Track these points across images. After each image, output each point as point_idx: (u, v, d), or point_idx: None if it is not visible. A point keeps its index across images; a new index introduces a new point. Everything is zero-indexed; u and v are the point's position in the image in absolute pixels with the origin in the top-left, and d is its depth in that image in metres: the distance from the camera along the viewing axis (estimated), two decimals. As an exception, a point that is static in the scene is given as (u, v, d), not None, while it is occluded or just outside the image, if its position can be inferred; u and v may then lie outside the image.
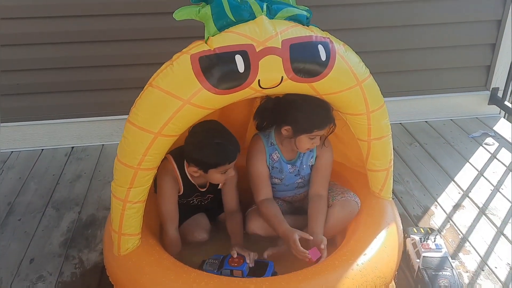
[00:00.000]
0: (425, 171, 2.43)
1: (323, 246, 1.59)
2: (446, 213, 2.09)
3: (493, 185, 2.29)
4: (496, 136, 2.76)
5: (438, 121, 2.97)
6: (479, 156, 2.56)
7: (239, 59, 1.31)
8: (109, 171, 2.44)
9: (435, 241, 1.73)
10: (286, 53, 1.35)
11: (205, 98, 1.34)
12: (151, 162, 1.43)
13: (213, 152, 1.62)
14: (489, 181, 2.32)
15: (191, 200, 1.85)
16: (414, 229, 1.83)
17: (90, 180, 2.41)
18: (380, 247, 1.55)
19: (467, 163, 2.49)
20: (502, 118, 2.99)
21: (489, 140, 2.72)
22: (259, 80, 1.35)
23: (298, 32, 1.39)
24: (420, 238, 1.75)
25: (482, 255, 1.83)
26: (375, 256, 1.51)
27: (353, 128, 1.68)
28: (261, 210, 1.76)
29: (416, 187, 2.29)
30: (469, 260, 1.81)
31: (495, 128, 2.86)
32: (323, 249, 1.60)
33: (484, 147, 2.65)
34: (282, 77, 1.37)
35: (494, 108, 3.01)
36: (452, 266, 1.62)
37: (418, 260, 1.66)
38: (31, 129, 2.69)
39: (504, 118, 3.00)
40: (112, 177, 1.50)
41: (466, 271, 1.75)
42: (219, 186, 1.83)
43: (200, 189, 1.82)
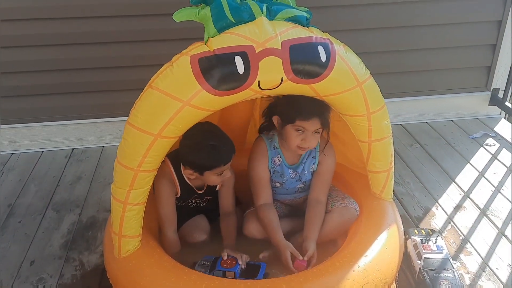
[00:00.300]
0: (426, 172, 2.42)
1: (306, 258, 1.60)
2: (447, 214, 2.09)
3: (494, 186, 2.28)
4: (497, 137, 2.76)
5: (439, 122, 2.96)
6: (480, 157, 2.55)
7: (239, 60, 1.31)
8: (110, 173, 2.43)
9: (436, 242, 1.72)
10: (286, 54, 1.34)
11: (205, 100, 1.34)
12: (151, 164, 1.43)
13: (208, 155, 1.62)
14: (490, 182, 2.32)
15: (190, 202, 1.85)
16: (415, 231, 1.82)
17: (91, 182, 2.41)
18: (381, 249, 1.54)
19: (468, 164, 2.49)
20: (503, 119, 2.99)
21: (490, 141, 2.72)
22: (259, 82, 1.35)
23: (298, 33, 1.38)
24: (421, 240, 1.74)
25: (483, 256, 1.83)
26: (376, 258, 1.51)
27: (354, 130, 1.67)
28: (259, 215, 1.76)
29: (417, 188, 2.29)
30: (470, 261, 1.80)
31: (496, 129, 2.85)
32: (312, 257, 1.61)
33: (485, 148, 2.64)
34: (282, 78, 1.37)
35: (495, 109, 3.01)
36: (453, 268, 1.62)
37: (419, 262, 1.65)
38: (31, 131, 2.69)
39: (505, 119, 2.99)
40: (113, 179, 1.50)
41: (467, 272, 1.75)
42: (217, 188, 1.83)
43: (198, 191, 1.82)
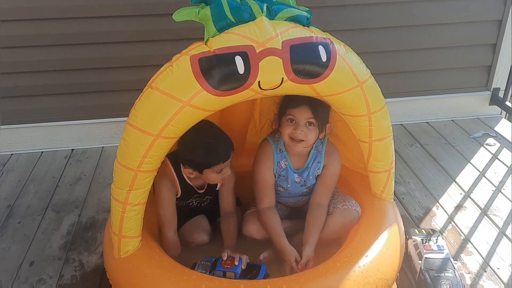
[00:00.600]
0: (426, 172, 2.42)
1: (299, 266, 1.59)
2: (448, 214, 2.08)
3: (495, 186, 2.28)
4: (498, 137, 2.75)
5: (439, 122, 2.96)
6: (481, 157, 2.55)
7: (239, 60, 1.30)
8: (109, 174, 2.44)
9: (437, 242, 1.72)
10: (287, 54, 1.34)
11: (205, 100, 1.34)
12: (151, 164, 1.42)
13: (206, 152, 1.61)
14: (491, 182, 2.31)
15: (190, 202, 1.84)
16: (416, 230, 1.82)
17: (90, 183, 2.40)
18: (382, 249, 1.54)
19: (469, 164, 2.48)
20: (503, 119, 2.98)
21: (490, 141, 2.71)
22: (259, 82, 1.34)
23: (299, 33, 1.38)
24: (422, 240, 1.74)
25: (484, 256, 1.82)
26: (377, 258, 1.50)
27: (354, 130, 1.67)
28: (262, 218, 1.75)
29: (418, 188, 2.28)
30: (471, 261, 1.80)
31: (496, 129, 2.85)
32: (309, 262, 1.61)
33: (486, 148, 2.64)
34: (283, 79, 1.36)
35: (495, 109, 3.00)
36: (454, 267, 1.62)
37: (420, 262, 1.65)
38: (31, 132, 2.69)
39: (505, 119, 2.99)
40: (112, 180, 1.49)
41: (468, 272, 1.75)
42: (217, 188, 1.83)
43: (199, 191, 1.81)
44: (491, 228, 1.98)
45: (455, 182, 2.32)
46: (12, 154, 2.69)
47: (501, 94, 2.93)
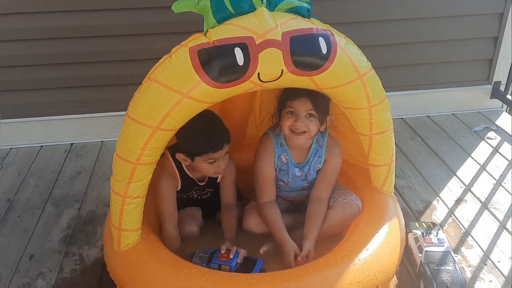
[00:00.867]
0: (427, 166, 2.41)
1: (299, 258, 1.59)
2: (448, 208, 2.08)
3: (496, 179, 2.28)
4: (498, 130, 2.75)
5: (440, 116, 2.95)
6: (481, 150, 2.54)
7: (239, 52, 1.29)
8: (109, 168, 2.39)
9: (437, 236, 1.72)
10: (286, 46, 1.33)
11: (204, 92, 1.33)
12: (150, 157, 1.42)
13: (197, 139, 1.60)
14: (492, 175, 2.31)
15: (191, 195, 1.84)
16: (416, 224, 1.82)
17: (90, 177, 2.40)
18: (382, 242, 1.54)
19: (469, 158, 2.48)
20: (504, 112, 2.98)
21: (491, 134, 2.71)
22: (259, 73, 1.33)
23: (299, 25, 1.37)
24: (422, 233, 1.74)
25: (485, 249, 1.82)
26: (377, 251, 1.50)
27: (354, 123, 1.66)
28: (262, 213, 1.75)
29: (418, 182, 2.28)
30: (472, 255, 1.80)
31: (497, 122, 2.84)
32: (310, 255, 1.61)
33: (486, 141, 2.63)
34: (282, 70, 1.35)
35: (496, 102, 2.99)
36: (455, 261, 1.61)
37: (420, 255, 1.65)
38: (30, 126, 2.68)
39: (506, 112, 2.98)
40: (112, 174, 1.49)
41: (469, 266, 1.74)
42: (218, 180, 1.82)
43: (199, 183, 1.80)
44: (492, 222, 1.98)
45: (456, 176, 2.32)
46: (12, 148, 2.68)
47: (502, 88, 2.92)
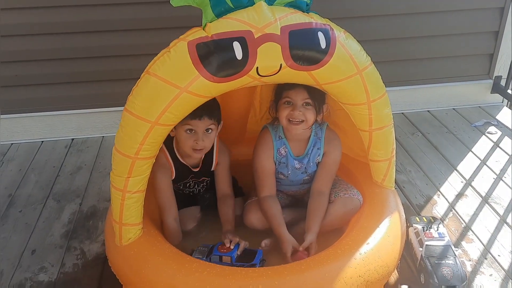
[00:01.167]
0: (428, 161, 2.41)
1: (301, 249, 1.60)
2: (449, 202, 2.08)
3: (496, 174, 2.27)
4: (499, 125, 2.74)
5: (441, 111, 2.94)
6: (482, 145, 2.54)
7: (237, 46, 1.29)
8: (110, 163, 2.36)
9: (438, 230, 1.72)
10: (285, 40, 1.32)
11: (203, 86, 1.33)
12: (149, 151, 1.42)
13: None
14: (492, 170, 2.31)
15: (188, 183, 1.84)
16: (417, 218, 1.82)
17: (91, 172, 2.40)
18: (383, 236, 1.54)
19: (470, 152, 2.48)
20: (505, 107, 2.97)
21: (492, 129, 2.70)
22: (258, 68, 1.33)
23: (298, 19, 1.36)
24: (423, 227, 1.74)
25: (485, 244, 1.82)
26: (378, 245, 1.51)
27: (354, 119, 1.65)
28: (263, 207, 1.75)
29: (419, 177, 2.28)
30: (472, 249, 1.80)
31: (498, 117, 2.83)
32: (310, 248, 1.62)
33: (487, 136, 2.63)
34: (281, 65, 1.35)
35: (497, 97, 2.99)
36: (455, 255, 1.62)
37: (421, 249, 1.65)
38: (31, 121, 2.69)
39: (507, 107, 2.97)
40: (113, 169, 1.50)
41: (469, 260, 1.75)
42: (213, 168, 1.83)
43: (193, 169, 1.81)
44: (492, 216, 1.98)
45: (456, 171, 2.32)
46: (12, 144, 2.69)
47: (503, 83, 2.91)
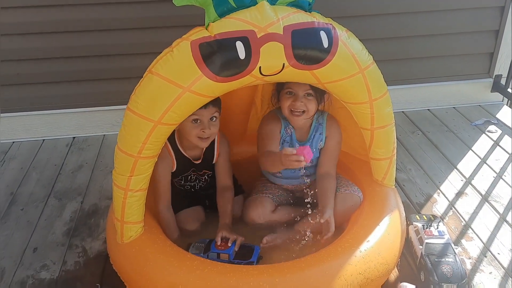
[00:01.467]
0: (428, 159, 2.42)
1: (323, 220, 1.63)
2: (449, 201, 2.09)
3: (496, 172, 2.28)
4: (499, 124, 2.75)
5: (441, 109, 2.95)
6: (482, 144, 2.55)
7: (240, 46, 1.30)
8: (111, 161, 2.39)
9: (438, 228, 1.73)
10: (288, 40, 1.33)
11: (205, 86, 1.33)
12: (151, 150, 1.43)
13: None
14: (492, 169, 2.31)
15: (189, 176, 1.85)
16: (417, 216, 1.83)
17: (92, 170, 2.41)
18: (383, 234, 1.56)
19: (470, 151, 2.48)
20: (505, 106, 2.97)
21: (492, 128, 2.71)
22: (260, 67, 1.34)
23: (300, 18, 1.37)
24: (423, 225, 1.75)
25: (485, 242, 1.83)
26: (378, 243, 1.52)
27: (356, 117, 1.66)
28: (266, 153, 1.76)
29: (419, 175, 2.29)
30: (472, 247, 1.81)
31: (498, 116, 2.84)
32: (329, 223, 1.64)
33: (487, 135, 2.63)
34: (284, 64, 1.36)
35: (497, 96, 2.99)
36: (455, 253, 1.62)
37: (421, 247, 1.66)
38: (32, 120, 2.69)
39: (507, 106, 2.98)
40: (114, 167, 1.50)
41: (469, 258, 1.76)
42: (214, 160, 1.84)
43: (195, 162, 1.82)
44: (492, 214, 1.99)
45: (456, 169, 2.32)
46: (14, 142, 2.69)
47: (503, 81, 2.92)
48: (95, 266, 1.76)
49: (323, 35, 1.38)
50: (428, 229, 1.72)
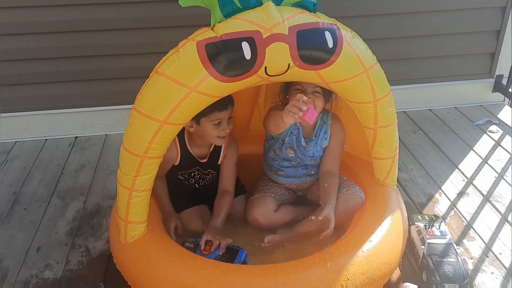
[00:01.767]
0: (429, 159, 2.43)
1: (320, 217, 1.62)
2: (450, 201, 2.09)
3: (497, 173, 2.29)
4: (500, 124, 2.75)
5: (442, 109, 2.96)
6: (483, 144, 2.55)
7: (246, 46, 1.30)
8: (113, 161, 2.46)
9: (440, 228, 1.73)
10: (293, 40, 1.34)
11: (211, 86, 1.34)
12: (157, 151, 1.43)
13: None
14: (493, 169, 2.32)
15: (192, 173, 1.85)
16: (419, 216, 1.83)
17: (95, 170, 2.41)
18: (385, 234, 1.56)
19: (471, 151, 2.49)
20: (506, 106, 2.98)
21: (493, 128, 2.72)
22: (266, 67, 1.34)
23: (305, 19, 1.37)
24: (425, 225, 1.75)
25: (487, 242, 1.84)
26: (380, 243, 1.53)
27: (360, 116, 1.67)
28: (270, 112, 1.77)
29: (420, 175, 2.29)
30: (474, 247, 1.82)
31: (499, 116, 2.85)
32: (329, 220, 1.63)
33: (488, 135, 2.64)
34: (289, 64, 1.36)
35: (498, 96, 3.00)
36: (457, 253, 1.63)
37: (423, 247, 1.66)
38: (35, 119, 2.69)
39: (508, 106, 2.99)
40: (116, 167, 1.51)
41: (471, 258, 1.76)
42: (219, 161, 1.84)
43: (200, 160, 1.82)
44: (493, 214, 1.99)
45: (458, 169, 2.33)
46: (16, 142, 2.69)
47: (505, 81, 2.93)
48: (98, 266, 1.76)
49: (328, 36, 1.38)
50: (430, 229, 1.73)
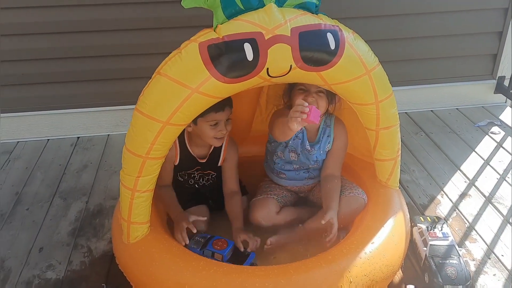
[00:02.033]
0: (431, 160, 2.42)
1: (323, 222, 1.62)
2: (452, 202, 2.09)
3: (499, 174, 2.29)
4: (502, 125, 2.75)
5: (444, 110, 2.95)
6: (485, 145, 2.55)
7: (248, 47, 1.30)
8: (115, 161, 2.46)
9: (442, 230, 1.73)
10: (295, 41, 1.34)
11: (214, 87, 1.34)
12: (160, 151, 1.43)
13: None
14: (495, 170, 2.32)
15: (192, 174, 1.86)
16: (421, 218, 1.83)
17: (97, 170, 2.42)
18: (388, 236, 1.56)
19: (473, 152, 2.49)
20: (508, 107, 2.98)
21: (495, 129, 2.71)
22: (268, 69, 1.35)
23: (307, 20, 1.38)
24: (427, 227, 1.75)
25: (489, 243, 1.84)
26: (383, 245, 1.53)
27: (362, 118, 1.67)
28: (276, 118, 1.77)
29: (422, 176, 2.29)
30: (476, 248, 1.81)
31: (501, 117, 2.85)
32: (332, 224, 1.63)
33: (490, 136, 2.64)
34: (291, 66, 1.37)
35: (500, 97, 3.00)
36: (459, 254, 1.63)
37: (425, 248, 1.66)
38: (37, 119, 2.70)
39: (510, 107, 2.98)
40: (119, 167, 1.51)
41: (473, 259, 1.76)
42: (220, 163, 1.84)
43: (200, 160, 1.83)
44: (496, 216, 1.99)
45: (460, 170, 2.33)
46: (18, 142, 2.70)
47: (506, 83, 2.92)
48: (101, 266, 1.76)
49: (330, 37, 1.39)
50: (432, 231, 1.73)
